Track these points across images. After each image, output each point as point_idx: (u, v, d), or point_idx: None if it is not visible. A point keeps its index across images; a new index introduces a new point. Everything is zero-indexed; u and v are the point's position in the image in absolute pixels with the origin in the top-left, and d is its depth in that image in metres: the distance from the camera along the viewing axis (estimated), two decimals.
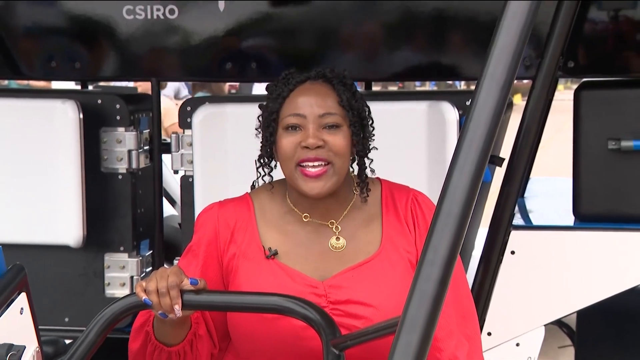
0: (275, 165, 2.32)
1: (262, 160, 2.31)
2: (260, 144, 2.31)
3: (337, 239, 2.28)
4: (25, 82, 7.07)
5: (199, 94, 6.74)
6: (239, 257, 2.27)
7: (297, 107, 2.21)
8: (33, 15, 3.43)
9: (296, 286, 2.21)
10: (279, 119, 2.23)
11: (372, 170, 2.33)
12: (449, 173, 1.60)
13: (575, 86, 3.09)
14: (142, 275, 3.27)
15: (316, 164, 2.18)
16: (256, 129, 2.34)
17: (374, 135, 2.33)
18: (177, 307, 2.06)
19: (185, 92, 7.27)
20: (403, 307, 1.59)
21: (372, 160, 2.31)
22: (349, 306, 2.21)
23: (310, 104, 2.21)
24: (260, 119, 2.32)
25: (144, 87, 4.71)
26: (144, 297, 2.07)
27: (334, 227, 2.29)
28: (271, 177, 2.33)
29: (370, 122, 2.31)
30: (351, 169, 2.34)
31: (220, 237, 2.29)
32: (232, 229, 2.30)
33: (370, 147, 2.31)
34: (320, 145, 2.18)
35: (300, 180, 2.20)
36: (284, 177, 2.31)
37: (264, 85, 2.43)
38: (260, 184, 2.36)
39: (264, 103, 2.32)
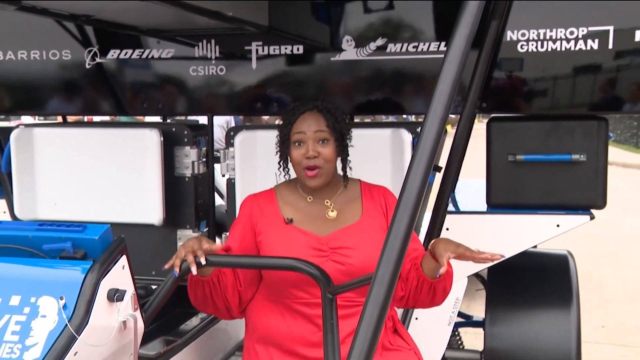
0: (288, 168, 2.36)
1: (281, 164, 2.35)
2: (279, 156, 2.35)
3: (332, 211, 2.31)
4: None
5: (247, 124, 6.74)
6: (267, 223, 2.30)
7: (300, 128, 2.26)
8: (133, 72, 3.41)
9: (307, 238, 2.26)
10: (290, 138, 2.28)
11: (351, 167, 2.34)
12: (406, 177, 1.58)
13: (485, 120, 3.09)
14: None
15: (313, 168, 2.24)
16: (276, 144, 2.37)
17: (351, 141, 2.34)
18: (193, 268, 2.06)
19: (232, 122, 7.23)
20: (375, 251, 1.60)
21: (350, 160, 2.33)
22: (343, 250, 2.24)
23: (309, 125, 2.26)
24: (278, 138, 2.36)
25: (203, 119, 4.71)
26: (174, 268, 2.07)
27: (329, 204, 2.32)
28: (289, 175, 2.38)
29: (349, 135, 2.33)
30: (341, 172, 2.36)
31: (254, 213, 2.33)
32: (261, 207, 2.33)
33: (349, 151, 2.33)
34: (316, 156, 2.23)
35: (305, 178, 2.27)
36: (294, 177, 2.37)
37: None
38: (280, 180, 2.40)
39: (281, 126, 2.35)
